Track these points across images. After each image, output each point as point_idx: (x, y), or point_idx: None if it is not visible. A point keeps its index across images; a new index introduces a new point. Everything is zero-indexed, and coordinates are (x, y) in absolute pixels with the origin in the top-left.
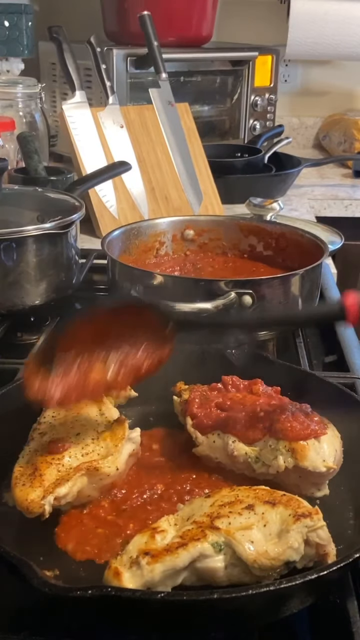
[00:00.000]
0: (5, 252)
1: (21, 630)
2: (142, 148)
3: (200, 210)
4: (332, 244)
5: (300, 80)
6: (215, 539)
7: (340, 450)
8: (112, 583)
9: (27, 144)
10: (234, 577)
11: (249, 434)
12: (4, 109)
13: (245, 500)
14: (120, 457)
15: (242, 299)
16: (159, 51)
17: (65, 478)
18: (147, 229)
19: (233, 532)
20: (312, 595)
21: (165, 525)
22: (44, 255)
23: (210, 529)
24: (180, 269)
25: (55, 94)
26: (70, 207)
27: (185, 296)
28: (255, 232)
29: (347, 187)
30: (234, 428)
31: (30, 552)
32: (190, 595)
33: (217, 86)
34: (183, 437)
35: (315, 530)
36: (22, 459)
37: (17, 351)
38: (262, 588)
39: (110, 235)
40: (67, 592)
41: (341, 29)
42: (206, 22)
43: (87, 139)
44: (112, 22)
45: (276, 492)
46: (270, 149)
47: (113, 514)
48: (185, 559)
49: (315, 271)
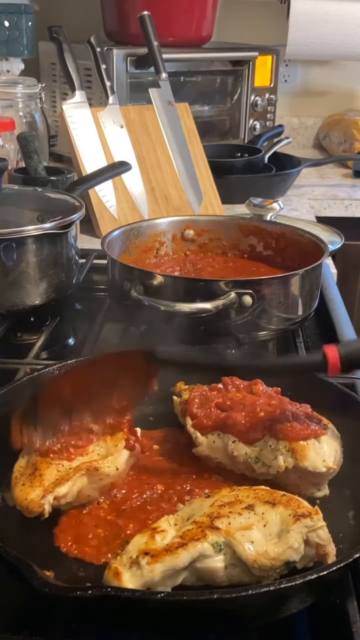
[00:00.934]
0: (5, 252)
1: (21, 630)
2: (142, 148)
3: (200, 210)
4: (332, 244)
5: (300, 80)
6: (215, 539)
7: (340, 451)
8: (112, 583)
9: (27, 144)
10: (234, 577)
11: (249, 434)
12: (4, 109)
13: (245, 500)
14: (120, 457)
15: (242, 299)
16: (159, 51)
17: (65, 478)
18: (147, 229)
19: (233, 532)
20: (312, 595)
21: (165, 526)
22: (44, 255)
23: (210, 529)
24: (180, 269)
25: (55, 94)
26: (70, 207)
27: (185, 296)
28: (256, 232)
29: (347, 187)
30: (234, 428)
31: (30, 552)
32: (190, 595)
33: (217, 86)
34: (183, 438)
35: (315, 530)
36: (22, 458)
37: (17, 351)
38: (262, 588)
39: (110, 235)
40: (67, 592)
41: (341, 29)
42: (206, 22)
43: (87, 139)
44: (112, 22)
45: (276, 492)
46: (270, 149)
47: (113, 514)
48: (185, 559)
49: (315, 271)
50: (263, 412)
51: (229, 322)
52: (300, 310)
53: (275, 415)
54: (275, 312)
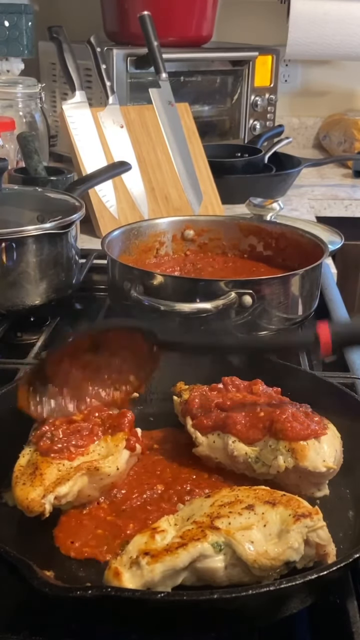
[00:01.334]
0: (5, 252)
1: (21, 630)
2: (142, 148)
3: (200, 210)
4: (332, 244)
5: (300, 80)
6: (215, 539)
7: (340, 451)
8: (112, 583)
9: (27, 144)
10: (234, 577)
11: (249, 434)
12: (4, 109)
13: (245, 500)
14: (121, 457)
15: (242, 298)
16: (159, 51)
17: (66, 477)
18: (147, 229)
19: (233, 532)
20: (312, 595)
21: (165, 526)
22: (44, 255)
23: (210, 529)
24: (180, 269)
25: (55, 94)
26: (70, 207)
27: (186, 296)
28: (256, 232)
29: (347, 187)
30: (234, 428)
31: (30, 552)
32: (190, 595)
33: (217, 86)
34: (183, 438)
35: (315, 530)
36: (23, 458)
37: (17, 351)
38: (262, 588)
39: (110, 235)
40: (68, 592)
41: (341, 29)
42: (206, 22)
43: (87, 139)
44: (112, 22)
45: (276, 492)
46: (270, 149)
47: (113, 514)
48: (185, 559)
49: (315, 271)
50: (263, 412)
51: (229, 322)
52: (300, 310)
53: (275, 415)
54: (275, 312)
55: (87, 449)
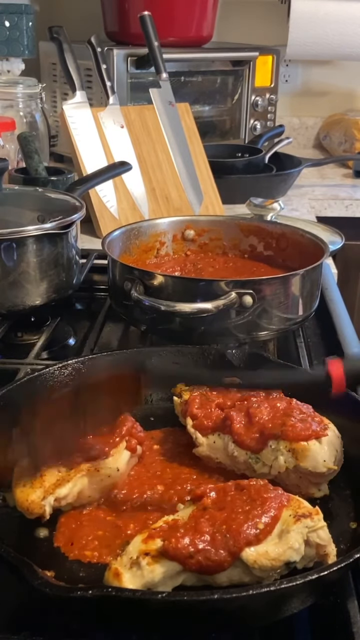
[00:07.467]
0: (5, 252)
1: (21, 630)
2: (143, 148)
3: (201, 210)
4: (332, 244)
5: (300, 80)
6: None
7: (341, 451)
8: (112, 584)
9: (27, 144)
10: (234, 577)
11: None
12: (4, 109)
13: None
14: (121, 458)
15: (243, 299)
16: (160, 51)
17: (66, 479)
18: (148, 229)
19: None
20: (312, 595)
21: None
22: (44, 255)
23: None
24: (180, 269)
25: (56, 94)
26: (71, 207)
27: (186, 296)
28: (256, 232)
29: (347, 187)
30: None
31: (31, 552)
32: (190, 595)
33: (218, 86)
34: (183, 438)
35: (316, 530)
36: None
37: (18, 351)
38: (263, 588)
39: (110, 236)
40: (68, 592)
41: (341, 29)
42: (206, 22)
43: (87, 139)
44: (113, 22)
45: None
46: (270, 149)
47: (113, 515)
48: None
49: (315, 271)
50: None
51: (230, 322)
52: (300, 311)
53: (275, 416)
54: (275, 312)
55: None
